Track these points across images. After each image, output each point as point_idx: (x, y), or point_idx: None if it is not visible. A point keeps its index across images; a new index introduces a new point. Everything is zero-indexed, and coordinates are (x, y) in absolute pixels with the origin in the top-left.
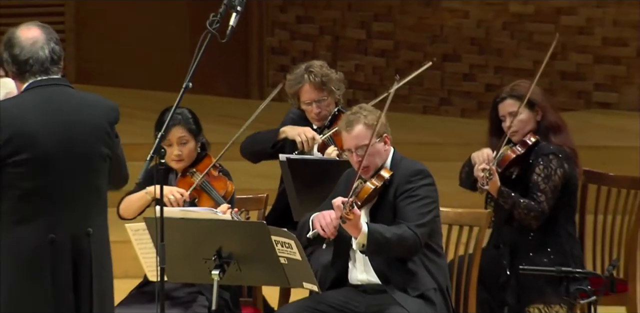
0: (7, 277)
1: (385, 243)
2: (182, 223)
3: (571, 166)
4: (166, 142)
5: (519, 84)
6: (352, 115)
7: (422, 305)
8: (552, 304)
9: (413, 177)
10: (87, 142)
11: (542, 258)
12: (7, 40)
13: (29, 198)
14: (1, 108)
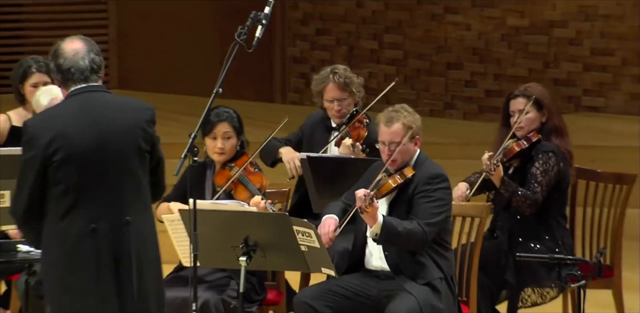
0: (53, 266)
1: (396, 235)
2: (212, 214)
3: (566, 166)
4: (211, 135)
5: (531, 85)
6: (394, 113)
7: (428, 292)
8: (545, 287)
9: (432, 180)
10: (121, 139)
11: (536, 246)
12: (53, 51)
13: (71, 193)
14: (43, 116)
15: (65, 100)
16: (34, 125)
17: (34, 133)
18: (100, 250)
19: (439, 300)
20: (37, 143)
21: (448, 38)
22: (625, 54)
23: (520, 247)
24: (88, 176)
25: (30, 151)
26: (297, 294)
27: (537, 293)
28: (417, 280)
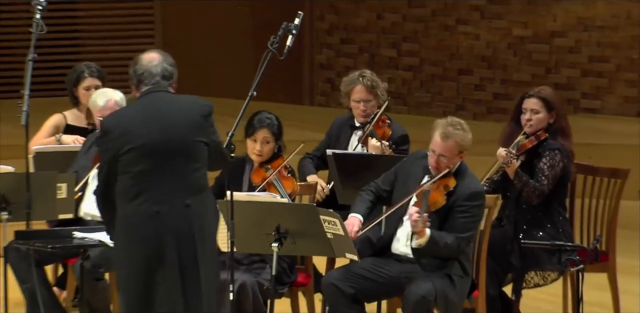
0: (122, 245)
1: (437, 248)
2: (247, 205)
3: (569, 163)
4: (253, 138)
5: (544, 88)
6: (452, 128)
7: (446, 283)
8: (547, 271)
9: (472, 197)
10: (181, 132)
11: (539, 233)
12: (134, 60)
13: (138, 179)
14: (115, 114)
15: (136, 100)
16: (108, 122)
17: (108, 128)
18: (162, 231)
19: (453, 292)
20: (111, 136)
21: (459, 47)
22: (620, 61)
23: (524, 234)
24: (152, 164)
25: (106, 143)
26: (324, 276)
27: (540, 276)
28: (439, 271)
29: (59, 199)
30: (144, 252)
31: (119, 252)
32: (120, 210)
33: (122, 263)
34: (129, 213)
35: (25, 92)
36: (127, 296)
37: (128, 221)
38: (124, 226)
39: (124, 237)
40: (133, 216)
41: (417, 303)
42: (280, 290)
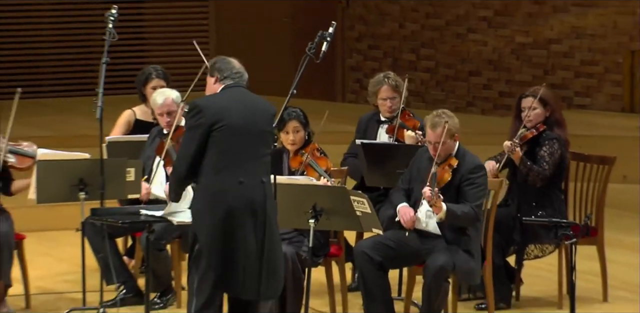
0: (207, 209)
1: (456, 218)
2: (289, 187)
3: (565, 151)
4: (285, 130)
5: (539, 88)
6: (437, 118)
7: (465, 257)
8: (545, 244)
9: (475, 170)
10: (261, 122)
11: (539, 212)
12: (219, 58)
13: (225, 155)
14: (211, 96)
15: (221, 91)
16: (202, 102)
17: (203, 106)
18: (243, 199)
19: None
20: (206, 113)
21: (469, 52)
22: (607, 65)
23: (526, 213)
24: (237, 144)
25: (199, 119)
26: (356, 245)
27: (539, 248)
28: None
29: (128, 181)
30: (227, 214)
31: (203, 216)
32: (206, 180)
33: (206, 226)
34: (216, 183)
35: (100, 91)
36: (208, 253)
37: (214, 189)
38: (210, 194)
39: (209, 203)
40: (221, 184)
41: (437, 273)
42: (316, 260)
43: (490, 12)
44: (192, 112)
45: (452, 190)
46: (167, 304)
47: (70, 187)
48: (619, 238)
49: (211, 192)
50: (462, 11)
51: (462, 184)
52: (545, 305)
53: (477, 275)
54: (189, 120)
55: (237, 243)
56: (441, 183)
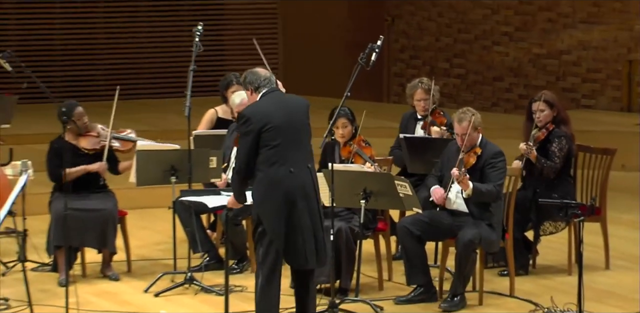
0: (266, 196)
1: (481, 194)
2: (344, 173)
3: (572, 145)
4: (335, 125)
5: (545, 92)
6: (462, 114)
7: (487, 229)
8: (557, 221)
9: (496, 156)
10: (298, 117)
11: (552, 195)
12: (250, 72)
13: (276, 150)
14: (254, 105)
15: (261, 98)
16: (248, 111)
17: (250, 115)
18: (300, 186)
19: (494, 235)
20: (253, 120)
21: (494, 61)
22: (609, 72)
23: (542, 196)
24: (284, 140)
25: (249, 126)
26: (399, 221)
27: (552, 225)
28: (482, 219)
29: (211, 168)
30: (284, 198)
31: (264, 201)
32: (263, 173)
33: (267, 210)
34: (272, 175)
35: (188, 93)
36: (272, 233)
37: (271, 179)
38: (267, 183)
39: (268, 191)
40: (276, 175)
41: (466, 245)
42: (366, 234)
43: (511, 28)
44: (242, 121)
45: (477, 172)
46: (243, 269)
47: (164, 172)
48: (619, 216)
49: (268, 182)
50: (488, 27)
51: (485, 168)
52: (557, 272)
53: (496, 245)
54: (241, 128)
55: (294, 222)
56: (467, 166)
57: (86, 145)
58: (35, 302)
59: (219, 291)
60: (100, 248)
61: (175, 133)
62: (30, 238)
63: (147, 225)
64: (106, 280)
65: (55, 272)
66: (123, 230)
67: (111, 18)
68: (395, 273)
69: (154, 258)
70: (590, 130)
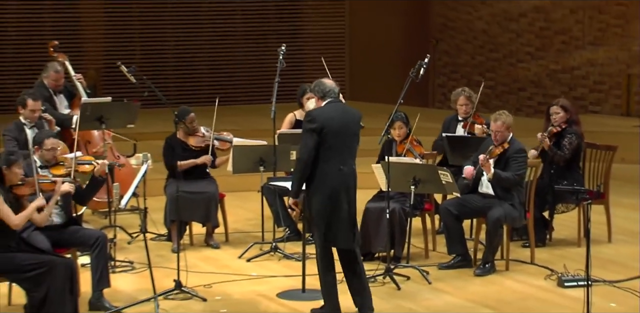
0: (319, 188)
1: (500, 179)
2: (398, 165)
3: (581, 141)
4: (393, 127)
5: (561, 99)
6: (498, 115)
7: (510, 208)
8: (569, 204)
9: (518, 152)
10: (352, 126)
11: (564, 182)
12: (319, 82)
13: (330, 149)
14: (320, 109)
15: (325, 105)
16: (315, 113)
17: (316, 116)
18: (344, 182)
19: (516, 213)
20: (317, 120)
21: (518, 75)
22: (612, 84)
23: (556, 183)
24: (338, 141)
25: (313, 125)
26: (441, 204)
27: (565, 206)
28: (506, 200)
29: (291, 160)
30: (332, 191)
31: (314, 192)
32: (319, 168)
33: (319, 199)
34: (325, 170)
35: (273, 100)
36: (320, 219)
37: (323, 174)
38: (319, 177)
39: (319, 183)
40: (327, 171)
41: (495, 222)
42: (415, 213)
43: (532, 49)
44: (308, 119)
45: (502, 162)
46: None
47: (254, 163)
48: (620, 200)
49: (321, 176)
50: (514, 48)
51: (509, 160)
52: (569, 244)
53: (518, 221)
54: (307, 125)
55: (337, 210)
56: (493, 155)
57: (193, 143)
58: (154, 264)
59: (297, 258)
60: (205, 222)
61: (263, 132)
62: (150, 214)
63: (241, 204)
64: (209, 248)
65: (169, 241)
66: (222, 209)
67: (213, 40)
68: (438, 244)
69: (246, 231)
70: (596, 131)
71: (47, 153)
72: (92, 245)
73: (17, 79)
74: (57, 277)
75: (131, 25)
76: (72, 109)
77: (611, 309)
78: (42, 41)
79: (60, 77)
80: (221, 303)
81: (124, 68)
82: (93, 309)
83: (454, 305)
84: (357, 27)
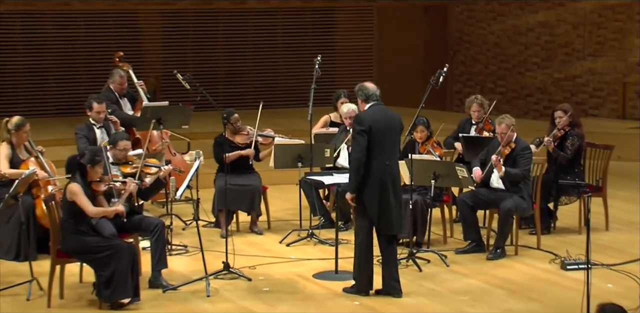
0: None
1: (510, 175)
2: (420, 162)
3: (582, 142)
4: (415, 130)
5: (564, 104)
6: (502, 119)
7: (519, 200)
8: (571, 196)
9: (524, 149)
10: (394, 127)
11: (567, 177)
12: (363, 85)
13: (377, 148)
14: (368, 112)
15: (370, 108)
16: (364, 116)
17: (364, 118)
18: (390, 175)
19: (525, 204)
20: (366, 123)
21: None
22: (609, 91)
23: (561, 178)
24: (384, 141)
25: (364, 127)
26: (459, 195)
27: (567, 199)
28: (516, 193)
29: (326, 157)
30: (382, 184)
31: (366, 184)
32: (368, 164)
33: (371, 191)
34: (374, 165)
35: (310, 104)
36: (370, 206)
37: (373, 168)
38: (371, 173)
39: (372, 178)
40: (376, 166)
41: (506, 212)
42: (435, 204)
43: (539, 59)
44: (358, 121)
45: (510, 160)
46: (348, 228)
47: (293, 159)
48: (616, 193)
49: (371, 170)
50: (522, 58)
51: (517, 157)
52: (571, 232)
53: (527, 211)
54: (357, 127)
55: (385, 200)
56: (502, 155)
57: (239, 141)
58: (205, 248)
59: (331, 243)
60: (249, 211)
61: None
62: (202, 204)
63: (281, 196)
64: (253, 234)
65: (218, 228)
66: (265, 199)
67: (258, 50)
68: (455, 232)
69: (286, 220)
70: (595, 132)
71: (119, 152)
72: (152, 231)
73: (87, 85)
74: (122, 259)
75: (186, 38)
76: (134, 112)
77: (608, 289)
78: (108, 52)
79: (124, 81)
80: (264, 282)
81: (179, 76)
82: (152, 287)
83: (469, 285)
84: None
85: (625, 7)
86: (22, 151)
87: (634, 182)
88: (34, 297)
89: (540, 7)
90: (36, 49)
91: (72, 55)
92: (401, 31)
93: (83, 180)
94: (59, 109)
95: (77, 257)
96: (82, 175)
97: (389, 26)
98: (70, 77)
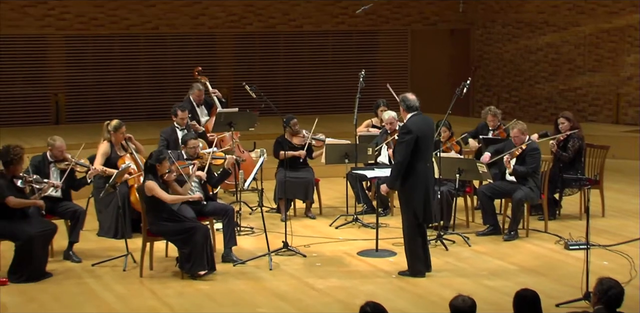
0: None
1: (519, 171)
2: (447, 158)
3: (582, 143)
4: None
5: (565, 112)
6: (514, 124)
7: (529, 191)
8: (574, 188)
9: (533, 150)
10: (431, 133)
11: (570, 172)
12: (405, 96)
13: (420, 152)
14: (412, 121)
15: (412, 117)
16: (409, 124)
17: (410, 127)
18: (430, 174)
19: (533, 194)
20: (413, 132)
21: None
22: (605, 100)
23: (565, 172)
24: (425, 146)
25: (410, 134)
26: (479, 187)
27: (570, 191)
28: (526, 185)
29: (368, 154)
30: (423, 181)
31: (412, 183)
32: (413, 166)
33: (417, 189)
34: (418, 166)
35: (355, 110)
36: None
37: (417, 169)
38: (415, 172)
39: (415, 176)
40: (420, 167)
41: (518, 201)
42: (459, 194)
43: (546, 74)
44: (405, 130)
45: (520, 159)
46: (387, 214)
47: (341, 156)
48: (611, 186)
49: (416, 171)
50: (533, 73)
51: (526, 157)
52: (573, 218)
53: (537, 200)
54: (403, 135)
55: (427, 195)
56: (513, 156)
57: (296, 142)
58: (268, 230)
59: (372, 226)
60: (304, 199)
61: (348, 134)
62: (265, 193)
63: (331, 187)
64: (307, 218)
65: (278, 213)
66: (317, 190)
67: (312, 66)
68: (476, 217)
69: (335, 206)
70: (594, 135)
71: (190, 150)
72: (224, 215)
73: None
74: (199, 238)
75: (253, 56)
76: (210, 117)
77: (604, 266)
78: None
79: (202, 93)
80: (317, 258)
81: (247, 87)
82: (224, 261)
83: (488, 262)
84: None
85: (618, 30)
86: (120, 148)
87: (626, 176)
88: (128, 268)
89: (548, 30)
90: (131, 65)
91: (161, 70)
92: (431, 50)
93: (155, 177)
94: (149, 114)
95: (162, 236)
96: (153, 173)
97: (421, 46)
98: (158, 88)
